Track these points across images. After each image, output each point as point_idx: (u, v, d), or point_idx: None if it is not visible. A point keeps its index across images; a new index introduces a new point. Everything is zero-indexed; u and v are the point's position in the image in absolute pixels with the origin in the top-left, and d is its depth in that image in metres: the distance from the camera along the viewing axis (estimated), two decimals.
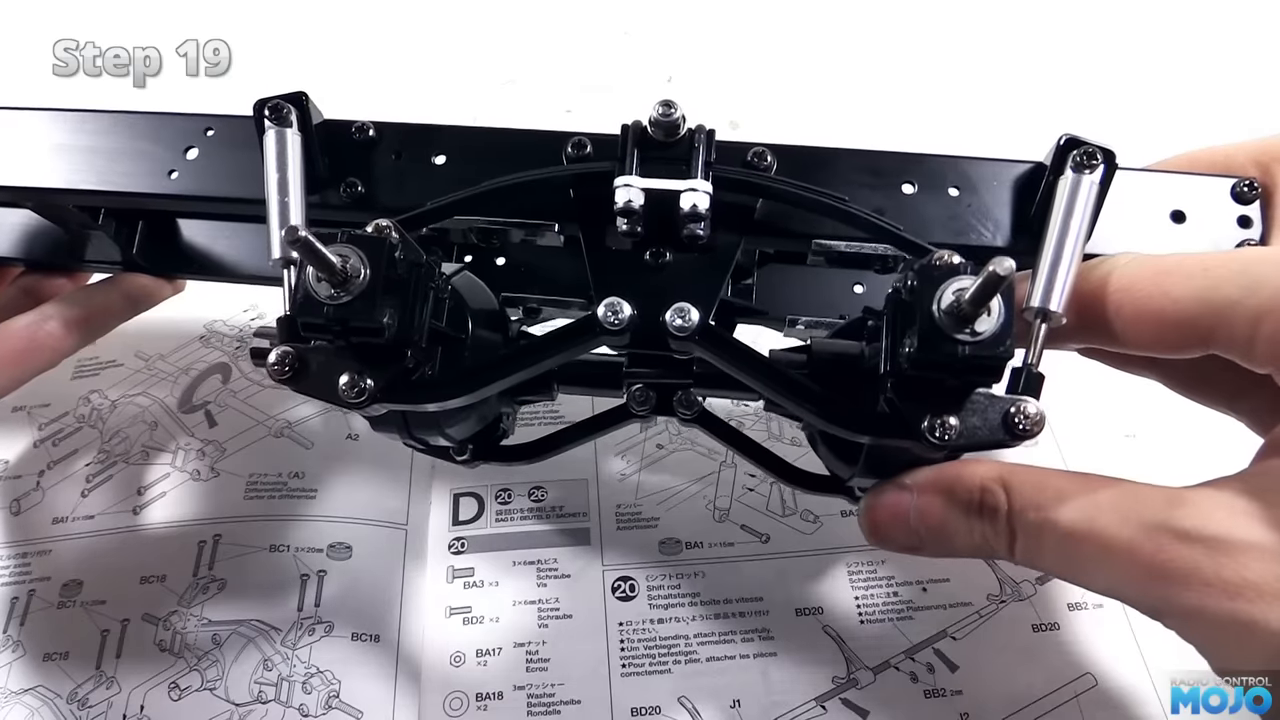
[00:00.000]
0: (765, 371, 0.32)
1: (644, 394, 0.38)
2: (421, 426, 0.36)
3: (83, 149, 0.39)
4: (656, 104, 0.32)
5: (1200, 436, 0.51)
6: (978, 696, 0.44)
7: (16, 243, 0.46)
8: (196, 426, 0.53)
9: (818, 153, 0.36)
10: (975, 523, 0.31)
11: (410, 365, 0.31)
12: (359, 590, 0.47)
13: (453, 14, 0.75)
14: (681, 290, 0.32)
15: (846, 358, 0.34)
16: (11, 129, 0.40)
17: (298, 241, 0.27)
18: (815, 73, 0.70)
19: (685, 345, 0.31)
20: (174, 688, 0.44)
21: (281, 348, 0.31)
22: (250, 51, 0.70)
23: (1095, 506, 0.28)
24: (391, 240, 0.30)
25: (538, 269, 0.42)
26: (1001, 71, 0.68)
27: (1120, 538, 0.27)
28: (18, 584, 0.48)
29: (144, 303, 0.46)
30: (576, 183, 0.34)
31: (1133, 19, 0.69)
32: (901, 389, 0.29)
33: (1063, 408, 0.53)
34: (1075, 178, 0.32)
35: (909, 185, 0.36)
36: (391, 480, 0.51)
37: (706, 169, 0.32)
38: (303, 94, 0.36)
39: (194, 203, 0.40)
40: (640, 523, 0.50)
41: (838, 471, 0.38)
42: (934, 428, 0.28)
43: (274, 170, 0.34)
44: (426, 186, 0.36)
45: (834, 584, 0.47)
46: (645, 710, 0.44)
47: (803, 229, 0.36)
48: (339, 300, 0.29)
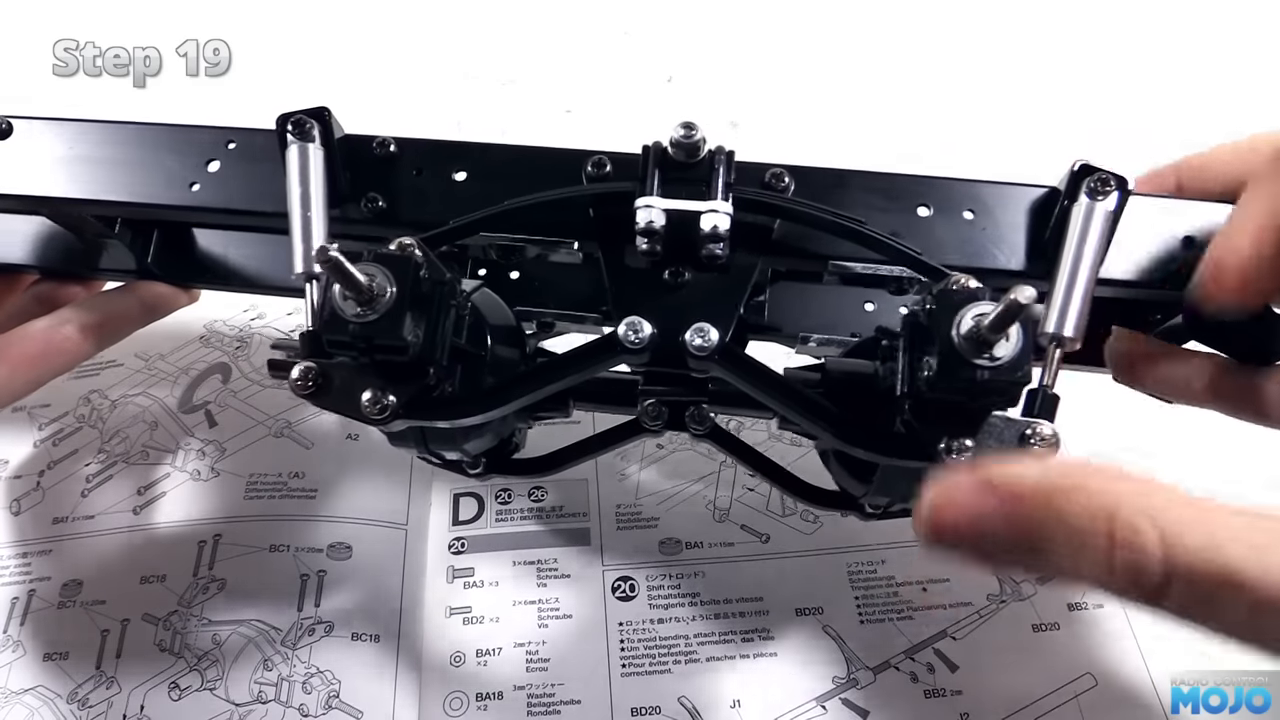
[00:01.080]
0: (783, 391, 0.32)
1: (657, 409, 0.38)
2: (439, 442, 0.36)
3: (106, 160, 0.39)
4: (678, 125, 0.32)
5: (1201, 438, 0.51)
6: (978, 696, 0.44)
7: (31, 251, 0.46)
8: (196, 426, 0.53)
9: (834, 174, 0.36)
10: (1090, 558, 0.23)
11: (432, 382, 0.31)
12: (359, 590, 0.47)
13: (453, 14, 0.75)
14: (700, 309, 0.32)
15: (860, 377, 0.35)
16: (36, 139, 0.40)
17: (328, 261, 0.27)
18: (815, 73, 0.70)
19: (704, 365, 0.32)
20: (174, 688, 0.44)
21: (305, 363, 0.31)
22: (250, 52, 0.70)
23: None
24: (416, 259, 0.30)
25: (552, 283, 0.42)
26: (1011, 84, 0.68)
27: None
28: (18, 584, 0.48)
29: (159, 310, 0.46)
30: (596, 202, 0.34)
31: (1146, 41, 0.69)
32: (919, 411, 0.29)
33: (1063, 408, 0.53)
34: (1089, 204, 0.32)
35: (924, 208, 0.36)
36: (391, 480, 0.51)
37: (727, 190, 0.33)
38: (325, 109, 0.36)
39: (215, 215, 0.40)
40: (640, 523, 0.50)
41: (850, 489, 0.39)
42: (950, 449, 0.28)
43: (296, 185, 0.34)
44: (447, 202, 0.37)
45: (834, 584, 0.47)
46: (645, 710, 0.44)
47: (820, 250, 0.36)
48: (365, 318, 0.29)
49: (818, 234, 0.35)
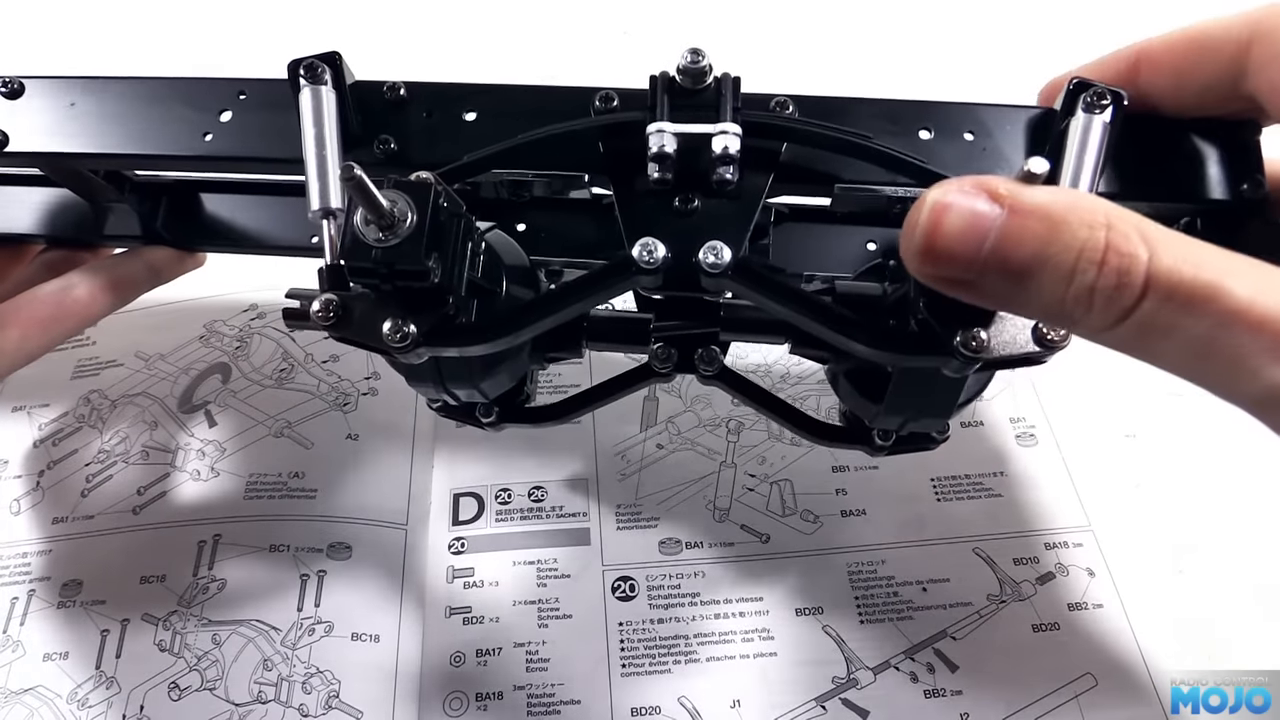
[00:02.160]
0: (801, 300, 0.32)
1: (665, 351, 0.38)
2: (455, 379, 0.36)
3: (120, 115, 0.40)
4: (685, 51, 0.33)
5: (1201, 437, 0.51)
6: (978, 696, 0.44)
7: (38, 220, 0.46)
8: (196, 426, 0.53)
9: (836, 102, 0.37)
10: (1081, 268, 0.24)
11: (451, 312, 0.31)
12: (359, 590, 0.47)
13: (453, 14, 0.75)
14: (712, 231, 0.32)
15: (868, 297, 0.35)
16: (48, 97, 0.40)
17: (352, 180, 0.27)
18: (815, 73, 0.70)
19: (719, 282, 0.32)
20: (174, 688, 0.44)
21: (325, 295, 0.31)
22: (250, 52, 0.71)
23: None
24: (436, 186, 0.30)
25: (558, 233, 0.42)
26: (1009, 26, 0.68)
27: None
28: (18, 584, 0.48)
29: (166, 273, 0.47)
30: (606, 134, 0.35)
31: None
32: (933, 306, 0.30)
33: (1063, 408, 0.53)
34: (1086, 118, 0.33)
35: (925, 131, 0.37)
36: (391, 480, 0.51)
37: (735, 114, 0.33)
38: (336, 53, 0.36)
39: (230, 164, 0.40)
40: (640, 523, 0.50)
41: (860, 412, 0.39)
42: (966, 342, 0.29)
43: (310, 126, 0.35)
44: (458, 143, 0.37)
45: (834, 584, 0.47)
46: (645, 710, 0.44)
47: (827, 170, 0.36)
48: (387, 243, 0.29)
49: (824, 157, 0.35)
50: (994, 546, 0.48)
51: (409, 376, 0.37)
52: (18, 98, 0.40)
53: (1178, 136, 0.36)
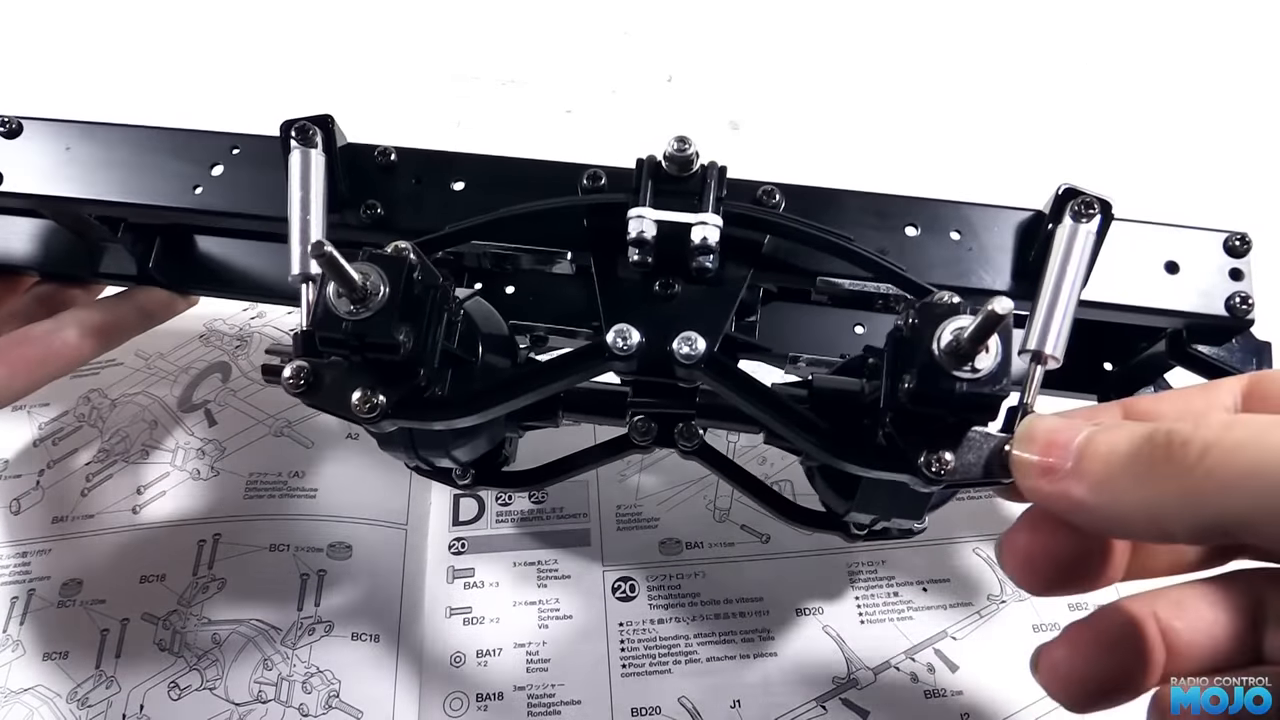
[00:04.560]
0: (769, 401, 0.32)
1: (645, 425, 0.38)
2: (428, 447, 0.36)
3: (113, 162, 0.40)
4: (671, 139, 0.33)
5: None
6: (978, 696, 0.44)
7: (33, 253, 0.46)
8: (196, 425, 0.53)
9: (824, 193, 0.37)
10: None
11: (422, 384, 0.31)
12: (359, 590, 0.47)
13: (453, 14, 0.75)
14: (689, 320, 0.32)
15: (846, 394, 0.35)
16: (44, 139, 0.41)
17: (322, 256, 0.27)
18: (815, 73, 0.70)
19: (691, 373, 0.32)
20: (174, 687, 0.44)
21: (297, 362, 0.31)
22: (255, 56, 0.71)
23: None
24: (410, 260, 0.30)
25: (546, 298, 0.43)
26: (1002, 107, 0.68)
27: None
28: (18, 583, 0.48)
29: (158, 316, 0.47)
30: (590, 213, 0.35)
31: (1135, 72, 0.69)
32: (900, 423, 0.29)
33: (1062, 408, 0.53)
34: (1073, 226, 0.33)
35: (912, 228, 0.37)
36: (391, 480, 0.51)
37: (718, 204, 0.33)
38: (329, 116, 0.36)
39: (217, 218, 0.40)
40: (640, 523, 0.50)
41: (834, 506, 0.39)
42: (930, 463, 0.29)
43: (297, 188, 0.35)
44: (444, 211, 0.37)
45: (834, 584, 0.47)
46: (645, 710, 0.44)
47: (808, 266, 0.36)
48: (358, 316, 0.29)
49: (807, 250, 0.35)
50: (994, 546, 0.48)
51: (381, 443, 0.37)
52: (15, 137, 0.41)
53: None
